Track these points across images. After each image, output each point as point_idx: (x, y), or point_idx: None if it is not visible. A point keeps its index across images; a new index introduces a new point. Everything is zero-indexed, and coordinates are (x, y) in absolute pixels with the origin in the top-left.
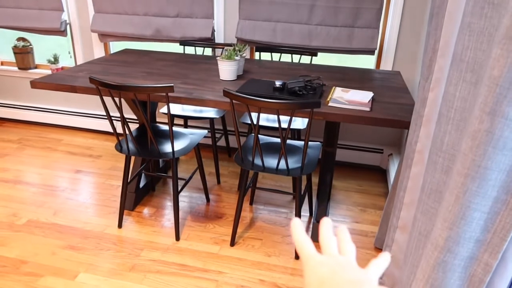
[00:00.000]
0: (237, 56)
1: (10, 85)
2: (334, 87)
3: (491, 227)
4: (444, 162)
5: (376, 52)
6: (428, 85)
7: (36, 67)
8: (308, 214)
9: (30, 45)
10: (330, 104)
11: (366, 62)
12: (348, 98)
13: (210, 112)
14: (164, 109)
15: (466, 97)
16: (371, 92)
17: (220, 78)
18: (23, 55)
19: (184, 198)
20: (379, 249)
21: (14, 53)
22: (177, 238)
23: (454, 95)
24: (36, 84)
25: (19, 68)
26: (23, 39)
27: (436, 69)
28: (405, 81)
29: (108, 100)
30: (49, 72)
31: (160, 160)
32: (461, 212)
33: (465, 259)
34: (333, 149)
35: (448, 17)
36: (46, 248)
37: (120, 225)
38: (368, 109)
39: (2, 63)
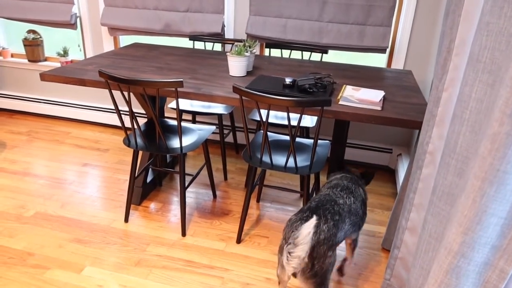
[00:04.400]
0: (247, 52)
1: (20, 78)
2: (344, 85)
3: (507, 233)
4: (457, 164)
5: (388, 50)
6: (442, 85)
7: (45, 59)
8: None
9: (40, 37)
10: (340, 102)
11: (377, 60)
12: (358, 97)
13: (218, 108)
14: (172, 104)
15: (482, 98)
16: (382, 91)
17: (230, 74)
18: (33, 48)
19: (191, 194)
20: (386, 250)
21: (24, 45)
22: (183, 234)
23: (470, 96)
24: (45, 76)
25: (29, 61)
26: (33, 32)
27: (451, 69)
28: (417, 81)
29: (116, 94)
30: (58, 65)
31: (168, 155)
32: (477, 217)
33: (480, 265)
34: (342, 147)
35: (465, 16)
36: (53, 240)
37: (126, 220)
38: (379, 108)
39: (12, 55)
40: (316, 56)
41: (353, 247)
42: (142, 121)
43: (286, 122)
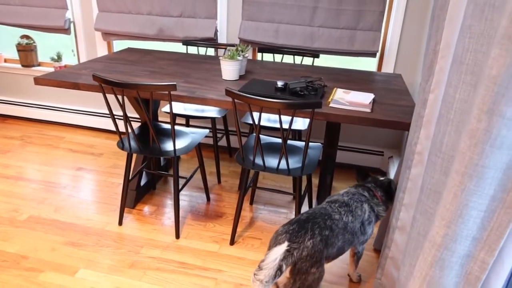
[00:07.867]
0: (239, 56)
1: (13, 83)
2: (335, 88)
3: (487, 225)
4: (443, 163)
5: (378, 54)
6: (428, 87)
7: (39, 64)
8: None
9: (34, 42)
10: (331, 105)
11: (367, 64)
12: (349, 99)
13: (211, 112)
14: (166, 108)
15: (465, 98)
16: (372, 94)
17: (223, 78)
18: (26, 53)
19: (185, 197)
20: (378, 251)
21: (18, 50)
22: (177, 236)
23: (454, 97)
24: (39, 80)
25: (22, 66)
26: (27, 37)
27: (437, 71)
28: (406, 84)
29: (110, 98)
30: (52, 70)
31: (161, 159)
32: (459, 210)
33: (462, 257)
34: (334, 150)
35: (449, 20)
36: (47, 244)
37: (120, 223)
38: (369, 110)
39: (6, 61)
40: (307, 61)
41: (356, 259)
42: (135, 125)
43: (278, 125)
